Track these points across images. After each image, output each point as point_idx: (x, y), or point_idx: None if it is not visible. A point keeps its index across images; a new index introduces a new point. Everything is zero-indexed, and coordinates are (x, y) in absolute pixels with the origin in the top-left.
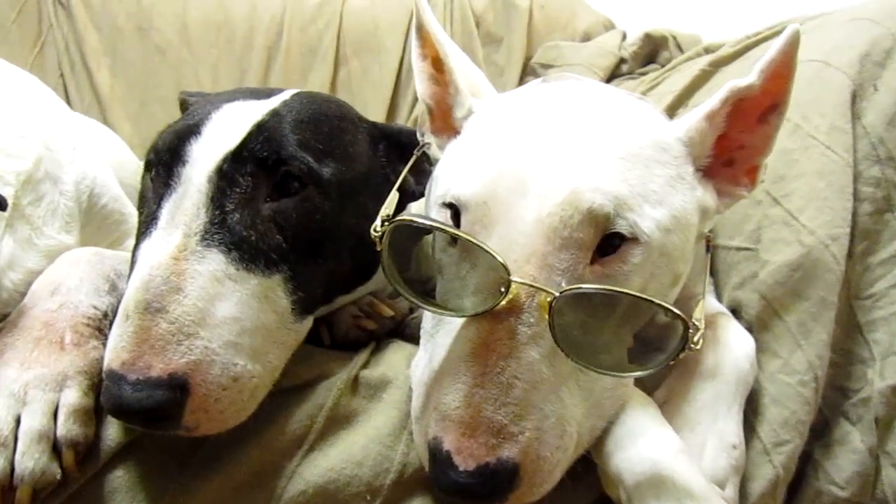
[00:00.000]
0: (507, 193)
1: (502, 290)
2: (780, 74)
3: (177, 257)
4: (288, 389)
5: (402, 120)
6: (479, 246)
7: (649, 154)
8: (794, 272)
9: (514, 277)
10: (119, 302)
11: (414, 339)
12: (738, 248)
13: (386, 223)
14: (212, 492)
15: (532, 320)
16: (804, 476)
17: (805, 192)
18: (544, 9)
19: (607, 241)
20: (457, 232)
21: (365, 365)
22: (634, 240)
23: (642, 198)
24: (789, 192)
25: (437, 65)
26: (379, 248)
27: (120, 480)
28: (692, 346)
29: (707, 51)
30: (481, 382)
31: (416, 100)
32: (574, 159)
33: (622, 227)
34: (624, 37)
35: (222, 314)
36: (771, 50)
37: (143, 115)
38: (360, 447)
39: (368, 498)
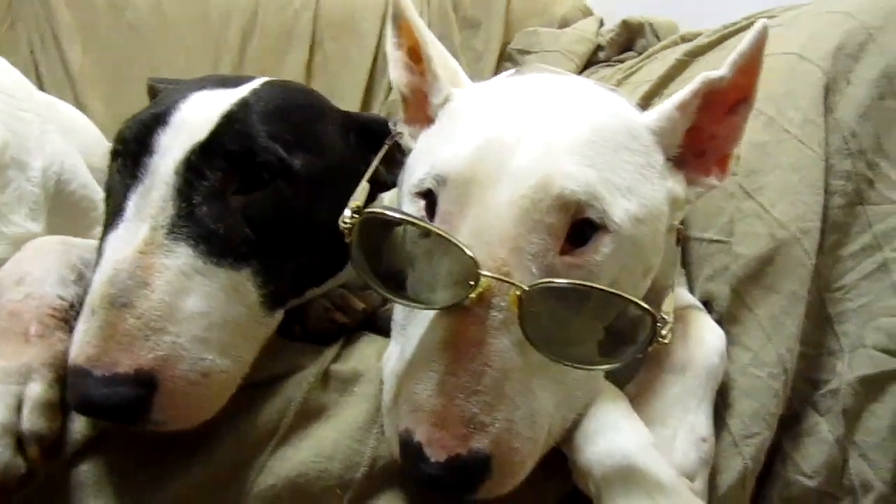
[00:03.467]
0: (485, 176)
1: (471, 283)
2: (749, 68)
3: (143, 251)
4: (258, 383)
5: (377, 103)
6: (449, 240)
7: (620, 141)
8: (766, 266)
9: (483, 271)
10: (86, 292)
11: (385, 332)
12: (711, 241)
13: (355, 215)
14: (181, 486)
15: (503, 304)
16: (773, 467)
17: (778, 186)
18: None
19: (578, 230)
20: (428, 225)
21: (336, 358)
22: (605, 229)
23: (613, 186)
24: (762, 185)
25: (414, 54)
26: (348, 240)
27: (86, 474)
28: (660, 339)
29: (683, 39)
30: (453, 370)
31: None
32: (547, 145)
33: (592, 214)
34: (601, 24)
35: (190, 309)
36: (741, 44)
37: (115, 95)
38: (330, 441)
39: (339, 492)
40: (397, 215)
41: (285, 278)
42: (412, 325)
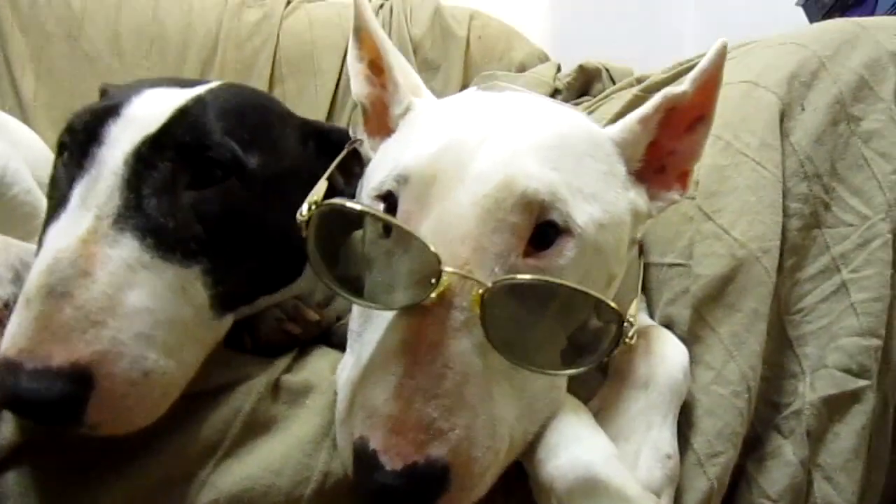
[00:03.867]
0: (447, 177)
1: (433, 281)
2: (709, 86)
3: (86, 240)
4: (203, 393)
5: None
6: (411, 234)
7: (583, 149)
8: (727, 285)
9: (445, 267)
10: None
11: (341, 347)
12: (671, 265)
13: (314, 207)
14: (114, 499)
15: (465, 304)
16: (737, 490)
17: (737, 207)
18: (482, 39)
19: (542, 232)
20: (388, 218)
21: (287, 370)
22: (569, 233)
23: (576, 190)
24: (721, 207)
25: (375, 67)
26: (305, 234)
27: (11, 485)
28: (627, 340)
29: (639, 81)
30: (411, 373)
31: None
32: (511, 148)
33: (556, 216)
34: (559, 69)
35: (134, 304)
36: (702, 62)
37: None
38: (278, 455)
39: None
40: (357, 207)
41: (236, 281)
42: (369, 330)
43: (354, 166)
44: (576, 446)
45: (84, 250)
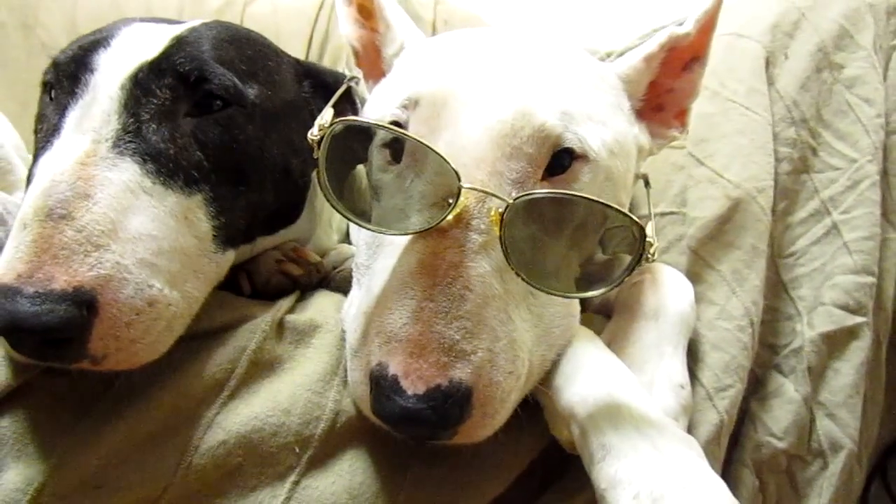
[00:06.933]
0: (458, 102)
1: (450, 200)
2: (707, 27)
3: (84, 163)
4: (205, 332)
5: None
6: (428, 149)
7: (591, 80)
8: (724, 224)
9: (464, 183)
10: (6, 237)
11: (340, 292)
12: (662, 214)
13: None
14: (114, 443)
15: (483, 227)
16: (743, 429)
17: (728, 150)
18: (448, 24)
19: (557, 160)
20: (405, 133)
21: (290, 310)
22: (584, 158)
23: (587, 116)
24: (712, 152)
25: (363, 11)
26: (316, 156)
27: (6, 431)
28: (648, 256)
29: (608, 56)
30: (431, 295)
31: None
32: (521, 75)
33: (571, 141)
34: None
35: (137, 229)
36: (704, 4)
37: (24, 116)
38: (287, 394)
39: (297, 450)
40: (372, 122)
41: (238, 214)
42: (380, 259)
43: (347, 110)
44: (594, 371)
45: (82, 172)
